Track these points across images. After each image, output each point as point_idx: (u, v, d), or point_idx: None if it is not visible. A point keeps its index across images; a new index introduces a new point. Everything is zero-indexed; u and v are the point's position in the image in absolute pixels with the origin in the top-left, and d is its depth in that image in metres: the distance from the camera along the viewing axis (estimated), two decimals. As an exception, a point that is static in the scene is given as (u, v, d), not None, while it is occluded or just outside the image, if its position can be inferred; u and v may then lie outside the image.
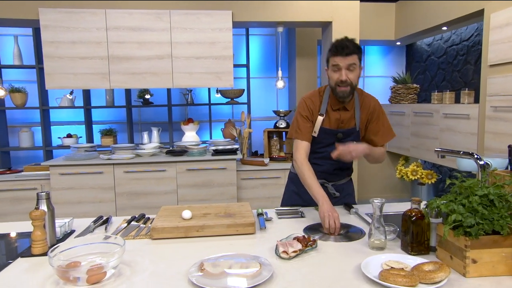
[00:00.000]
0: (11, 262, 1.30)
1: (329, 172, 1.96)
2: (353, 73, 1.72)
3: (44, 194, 1.42)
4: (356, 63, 1.72)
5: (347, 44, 1.69)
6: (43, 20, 3.33)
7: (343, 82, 1.71)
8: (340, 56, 1.69)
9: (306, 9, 3.69)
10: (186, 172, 3.54)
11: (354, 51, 1.69)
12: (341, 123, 1.85)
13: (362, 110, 1.86)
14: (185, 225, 1.49)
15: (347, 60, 1.69)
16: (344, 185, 2.03)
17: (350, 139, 1.84)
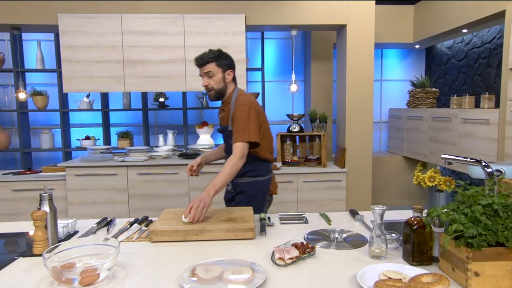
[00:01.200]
0: (13, 261, 1.32)
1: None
2: (212, 79, 1.98)
3: (46, 195, 1.45)
4: (213, 70, 1.97)
5: (203, 56, 1.97)
6: (62, 25, 3.42)
7: (206, 88, 2.01)
8: (199, 67, 2.00)
9: (320, 12, 3.65)
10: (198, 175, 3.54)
11: (208, 61, 1.96)
12: (222, 121, 2.14)
13: (234, 111, 2.02)
14: (184, 229, 1.49)
15: (205, 69, 1.98)
16: (242, 184, 2.13)
17: (227, 136, 2.10)
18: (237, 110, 1.97)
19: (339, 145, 4.01)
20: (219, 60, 1.99)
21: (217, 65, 1.98)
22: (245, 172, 2.11)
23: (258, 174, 2.16)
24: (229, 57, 2.06)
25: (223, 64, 2.00)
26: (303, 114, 4.06)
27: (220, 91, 2.03)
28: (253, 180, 2.14)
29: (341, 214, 1.86)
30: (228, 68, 2.03)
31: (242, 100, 2.01)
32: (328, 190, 3.75)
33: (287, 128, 4.05)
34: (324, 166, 3.86)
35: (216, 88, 2.01)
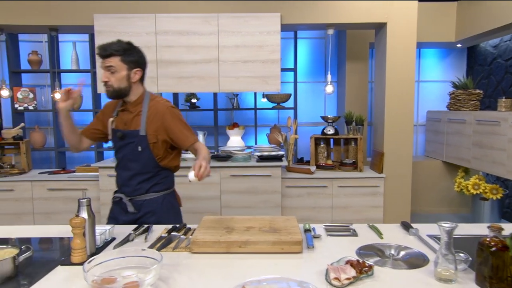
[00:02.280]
0: (52, 270, 1.27)
1: (123, 183, 1.87)
2: (114, 76, 1.73)
3: (85, 200, 1.39)
4: (116, 66, 1.71)
5: (107, 46, 1.71)
6: (97, 26, 3.42)
7: (105, 84, 1.75)
8: (101, 58, 1.73)
9: (359, 10, 3.49)
10: (230, 178, 3.47)
11: (112, 53, 1.70)
12: (125, 124, 1.84)
13: (150, 116, 1.81)
14: (227, 240, 1.40)
15: (107, 62, 1.72)
16: (145, 202, 1.86)
17: (133, 141, 1.80)
18: (168, 111, 1.80)
19: (376, 149, 3.83)
20: (126, 55, 1.73)
21: (122, 61, 1.72)
22: (150, 188, 1.85)
23: (165, 188, 1.91)
24: (140, 53, 1.80)
25: (129, 61, 1.74)
26: (338, 117, 3.91)
27: (120, 90, 1.76)
28: (161, 195, 1.89)
29: (391, 226, 1.71)
30: (135, 66, 1.77)
31: (164, 102, 1.84)
32: (364, 196, 3.58)
33: (322, 131, 3.91)
34: (361, 171, 3.69)
35: (116, 86, 1.74)
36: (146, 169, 1.83)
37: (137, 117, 1.81)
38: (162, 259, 1.11)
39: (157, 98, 1.85)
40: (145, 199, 1.86)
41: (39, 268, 1.29)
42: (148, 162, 1.83)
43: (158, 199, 1.89)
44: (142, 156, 1.81)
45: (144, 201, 1.86)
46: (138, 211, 1.85)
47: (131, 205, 1.84)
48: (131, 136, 1.80)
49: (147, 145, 1.80)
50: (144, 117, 1.79)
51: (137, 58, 1.77)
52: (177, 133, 1.81)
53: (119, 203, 1.88)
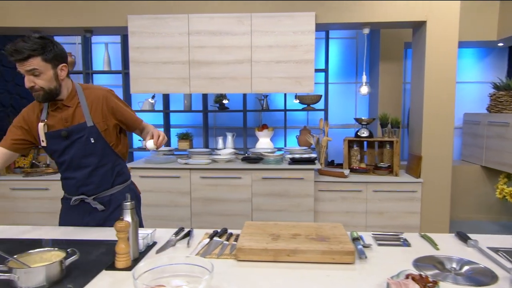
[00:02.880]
0: (97, 274, 1.23)
1: (82, 182, 1.73)
2: (40, 78, 1.55)
3: (129, 204, 1.35)
4: (40, 67, 1.53)
5: (20, 48, 1.49)
6: (131, 27, 3.44)
7: (32, 88, 1.56)
8: (17, 62, 1.52)
9: (397, 8, 3.36)
10: (261, 181, 3.41)
11: (31, 54, 1.50)
12: (66, 122, 1.68)
13: (91, 104, 1.69)
14: (275, 248, 1.33)
15: (27, 66, 1.51)
16: (112, 196, 1.78)
17: (82, 135, 1.67)
18: (109, 95, 1.73)
19: (413, 153, 3.68)
20: (47, 52, 1.54)
21: (45, 60, 1.54)
22: (114, 180, 1.78)
23: (126, 177, 1.88)
24: (59, 46, 1.60)
25: (52, 58, 1.56)
26: (373, 119, 3.78)
27: (52, 91, 1.59)
28: (126, 186, 1.85)
29: (445, 236, 1.60)
30: (59, 62, 1.60)
31: (100, 88, 1.75)
32: (400, 202, 3.44)
33: (355, 133, 3.79)
34: (396, 175, 3.56)
35: (47, 88, 1.57)
36: (105, 160, 1.74)
37: (77, 109, 1.68)
38: (213, 269, 1.05)
39: (89, 86, 1.75)
40: (112, 193, 1.78)
41: (84, 272, 1.25)
42: (105, 152, 1.73)
43: (124, 190, 1.82)
44: (97, 148, 1.70)
45: (112, 195, 1.78)
46: (107, 208, 1.77)
47: (98, 203, 1.74)
48: (79, 130, 1.67)
49: (99, 134, 1.70)
50: (85, 107, 1.68)
51: (58, 53, 1.59)
52: (126, 113, 1.78)
53: (78, 206, 1.76)
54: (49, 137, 1.68)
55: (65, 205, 1.82)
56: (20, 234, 1.66)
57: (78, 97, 1.69)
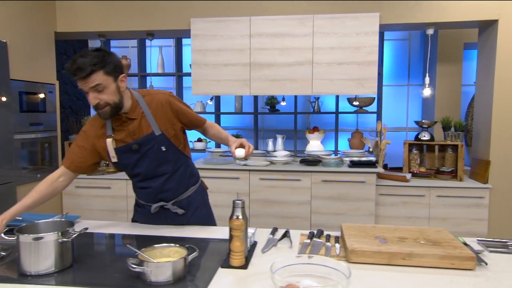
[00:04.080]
0: (216, 272, 1.25)
1: (159, 190, 1.71)
2: (104, 93, 1.50)
3: (240, 202, 1.36)
4: (103, 82, 1.48)
5: (82, 65, 1.44)
6: (194, 30, 3.50)
7: (97, 105, 1.51)
8: (79, 80, 1.47)
9: (464, 8, 3.25)
10: (321, 183, 3.38)
11: (93, 69, 1.45)
12: (134, 134, 1.63)
13: (154, 112, 1.64)
14: (389, 251, 1.30)
15: (90, 82, 1.47)
16: (190, 198, 1.77)
17: (153, 146, 1.64)
18: (170, 98, 1.68)
19: (478, 157, 3.54)
20: (107, 65, 1.48)
21: (106, 74, 1.49)
22: (188, 181, 1.78)
23: (198, 175, 1.88)
24: (115, 56, 1.55)
25: (112, 70, 1.51)
26: (435, 122, 3.67)
27: (117, 105, 1.54)
28: (198, 185, 1.84)
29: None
30: (119, 74, 1.55)
31: (158, 92, 1.70)
32: (466, 208, 3.31)
33: (415, 136, 3.69)
34: (461, 180, 3.43)
35: (112, 102, 1.52)
36: (178, 164, 1.73)
37: (142, 120, 1.63)
38: (351, 274, 1.03)
39: (148, 92, 1.70)
40: (189, 195, 1.78)
41: (202, 269, 1.27)
42: (177, 156, 1.72)
43: (199, 190, 1.83)
44: (169, 154, 1.68)
45: (189, 197, 1.77)
46: (187, 210, 1.76)
47: (177, 208, 1.73)
48: (148, 141, 1.63)
49: (169, 141, 1.67)
50: (150, 116, 1.63)
51: (116, 63, 1.54)
52: (190, 115, 1.75)
53: (159, 213, 1.75)
54: (120, 152, 1.65)
55: (141, 212, 1.81)
56: (124, 230, 1.71)
57: (140, 107, 1.64)
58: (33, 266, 1.20)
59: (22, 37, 3.27)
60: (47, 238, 1.20)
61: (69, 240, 1.24)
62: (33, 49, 3.42)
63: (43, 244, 1.20)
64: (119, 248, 1.59)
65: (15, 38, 3.15)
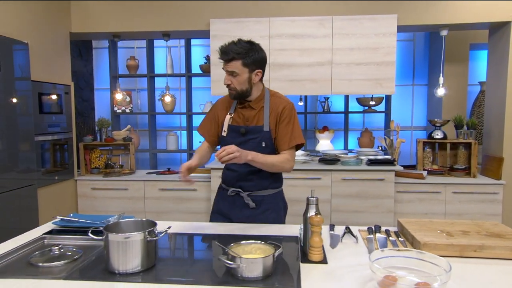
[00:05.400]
0: (298, 267, 1.28)
1: (244, 178, 1.83)
2: (236, 79, 1.71)
3: (314, 199, 1.40)
4: (238, 70, 1.69)
5: (228, 50, 1.68)
6: (213, 30, 3.51)
7: (228, 86, 1.75)
8: (223, 61, 1.71)
9: (478, 9, 3.36)
10: (340, 182, 3.44)
11: (234, 57, 1.67)
12: (246, 120, 1.81)
13: (271, 111, 1.79)
14: (461, 244, 1.35)
15: (229, 67, 1.70)
16: (265, 198, 1.85)
17: (256, 137, 1.78)
18: (287, 109, 1.77)
19: (490, 154, 3.66)
20: (247, 57, 1.68)
21: (244, 65, 1.69)
22: (269, 184, 1.86)
23: (280, 184, 1.94)
24: (261, 53, 1.74)
25: (251, 63, 1.70)
26: (448, 120, 3.77)
27: (243, 92, 1.75)
28: (277, 191, 1.91)
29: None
30: (256, 68, 1.73)
31: (285, 99, 1.82)
32: (480, 204, 3.42)
33: (428, 135, 3.79)
34: (474, 177, 3.54)
35: (239, 89, 1.74)
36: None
37: (259, 113, 1.80)
38: (451, 269, 1.07)
39: (277, 94, 1.86)
40: (265, 195, 1.85)
41: (283, 265, 1.30)
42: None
43: (277, 195, 1.89)
44: (265, 152, 1.76)
45: (264, 197, 1.84)
46: (258, 207, 1.83)
47: (251, 200, 1.82)
48: (254, 131, 1.79)
49: (271, 140, 1.79)
50: (266, 113, 1.78)
51: (258, 59, 1.72)
52: (282, 130, 1.78)
53: (233, 198, 1.86)
54: (230, 129, 1.83)
55: (221, 194, 1.95)
56: (198, 230, 1.73)
57: (263, 102, 1.81)
58: (121, 264, 1.21)
59: (40, 38, 3.22)
60: (135, 237, 1.21)
61: (155, 239, 1.25)
62: (49, 50, 3.37)
63: (131, 243, 1.21)
64: (197, 246, 1.60)
65: (33, 39, 3.10)
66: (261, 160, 1.70)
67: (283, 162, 1.76)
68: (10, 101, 2.77)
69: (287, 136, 1.78)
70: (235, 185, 1.85)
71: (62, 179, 3.55)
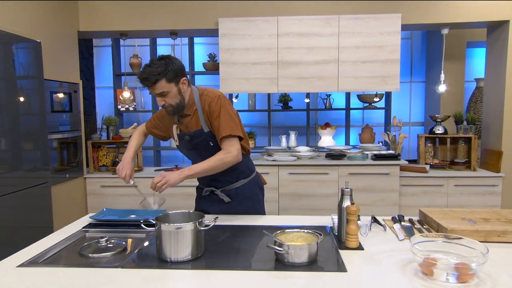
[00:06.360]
0: (336, 253, 1.36)
1: (210, 177, 1.87)
2: (168, 97, 1.72)
3: (348, 190, 1.48)
4: (166, 89, 1.69)
5: (148, 75, 1.65)
6: (222, 29, 3.57)
7: (163, 106, 1.76)
8: (149, 88, 1.70)
9: (478, 8, 3.49)
10: (347, 176, 3.54)
11: (157, 79, 1.65)
12: (186, 127, 1.86)
13: (203, 111, 1.80)
14: (485, 229, 1.46)
15: (156, 89, 1.69)
16: (238, 189, 1.92)
17: (202, 140, 1.81)
18: (211, 105, 1.76)
19: (489, 148, 3.80)
20: (168, 73, 1.66)
21: (168, 81, 1.68)
22: (238, 175, 1.91)
23: (250, 170, 1.97)
24: (176, 61, 1.72)
25: (173, 77, 1.69)
26: (448, 116, 3.91)
27: (179, 106, 1.76)
28: (250, 179, 1.95)
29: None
30: (180, 77, 1.72)
31: (211, 95, 1.79)
32: (481, 196, 3.57)
33: (430, 130, 3.92)
34: (474, 170, 3.68)
35: (175, 104, 1.74)
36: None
37: (194, 116, 1.81)
38: (488, 251, 1.16)
39: (205, 91, 1.82)
40: (238, 186, 1.91)
41: (323, 252, 1.38)
42: None
43: (251, 182, 1.95)
44: (217, 150, 1.78)
45: (238, 188, 1.91)
46: (234, 199, 1.91)
47: (224, 196, 1.90)
48: (198, 136, 1.81)
49: (215, 139, 1.80)
50: (201, 114, 1.79)
51: (177, 69, 1.70)
52: (216, 121, 1.76)
53: (209, 196, 1.95)
54: (179, 138, 1.90)
55: (199, 193, 2.06)
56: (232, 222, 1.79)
57: (195, 104, 1.80)
58: (173, 253, 1.27)
59: (50, 37, 3.24)
60: (186, 228, 1.28)
61: (204, 229, 1.32)
62: (59, 49, 3.39)
63: (182, 233, 1.27)
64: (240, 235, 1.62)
65: (43, 38, 3.12)
66: (198, 170, 1.72)
67: (221, 159, 1.74)
68: (25, 99, 2.79)
69: (217, 130, 1.76)
70: (208, 185, 1.94)
71: (72, 177, 3.57)
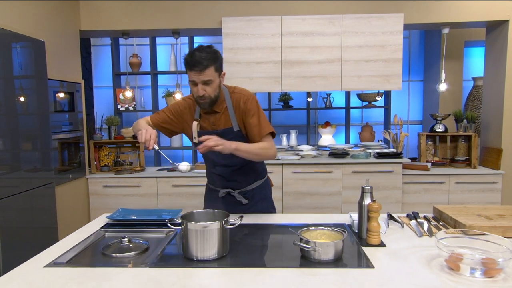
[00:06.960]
0: (357, 250, 1.38)
1: (228, 178, 1.86)
2: (210, 87, 1.63)
3: (369, 188, 1.50)
4: (213, 77, 1.61)
5: (200, 59, 1.57)
6: (225, 28, 3.57)
7: (201, 97, 1.64)
8: (195, 72, 1.59)
9: (478, 8, 3.55)
10: (351, 174, 3.57)
11: (208, 65, 1.58)
12: (213, 125, 1.77)
13: (235, 109, 1.75)
14: (503, 225, 1.49)
15: (204, 76, 1.59)
16: (254, 191, 1.90)
17: (228, 139, 1.66)
18: (247, 103, 1.72)
19: (488, 146, 3.86)
20: (217, 61, 1.62)
21: (216, 70, 1.62)
22: (255, 177, 1.90)
23: (265, 172, 1.98)
24: (220, 54, 1.68)
25: (220, 67, 1.65)
26: (448, 114, 3.96)
27: (215, 99, 1.69)
28: (265, 180, 1.96)
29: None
30: (222, 70, 1.69)
31: (245, 93, 1.77)
32: (481, 193, 3.63)
33: (430, 128, 3.97)
34: (475, 168, 3.74)
35: (213, 96, 1.67)
36: (248, 160, 1.79)
37: (224, 114, 1.75)
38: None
39: (236, 89, 1.80)
40: (254, 188, 1.89)
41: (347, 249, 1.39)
42: None
43: (264, 184, 1.95)
44: None
45: (254, 190, 1.90)
46: (250, 201, 1.88)
47: (242, 197, 1.86)
48: (226, 134, 1.72)
49: (243, 138, 1.76)
50: (232, 112, 1.75)
51: (222, 61, 1.69)
52: (250, 121, 1.73)
53: (225, 197, 1.89)
54: (200, 135, 1.73)
55: (211, 194, 1.96)
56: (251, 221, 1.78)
57: (225, 102, 1.75)
58: (199, 251, 1.28)
59: (52, 36, 3.21)
60: (212, 226, 1.28)
61: (230, 227, 1.32)
62: (61, 48, 3.35)
63: (208, 231, 1.28)
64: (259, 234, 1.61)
65: (47, 37, 3.08)
66: (245, 148, 1.66)
67: (266, 148, 1.72)
68: (29, 99, 2.76)
69: (257, 128, 1.73)
70: (224, 186, 1.87)
71: (74, 177, 3.54)
